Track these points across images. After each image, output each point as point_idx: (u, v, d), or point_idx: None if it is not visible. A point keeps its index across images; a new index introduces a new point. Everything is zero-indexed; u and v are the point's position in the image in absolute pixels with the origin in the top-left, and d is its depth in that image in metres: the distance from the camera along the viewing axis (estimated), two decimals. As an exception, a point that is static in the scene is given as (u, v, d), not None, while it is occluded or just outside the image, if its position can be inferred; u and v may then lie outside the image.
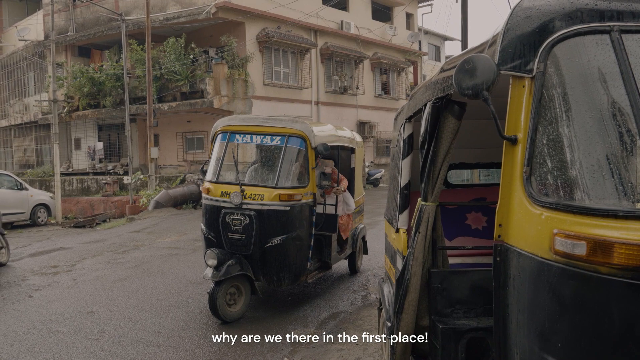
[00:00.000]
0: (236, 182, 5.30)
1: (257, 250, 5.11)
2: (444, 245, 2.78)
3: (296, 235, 5.21)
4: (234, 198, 5.13)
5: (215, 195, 5.37)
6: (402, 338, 2.75)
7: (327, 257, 6.00)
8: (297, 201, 5.18)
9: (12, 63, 25.91)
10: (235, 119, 5.85)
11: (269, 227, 5.11)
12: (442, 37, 37.26)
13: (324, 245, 5.98)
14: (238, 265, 5.04)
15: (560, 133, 1.78)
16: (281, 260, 5.18)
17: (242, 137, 5.61)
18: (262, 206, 5.11)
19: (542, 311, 1.75)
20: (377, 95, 25.86)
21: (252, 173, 5.90)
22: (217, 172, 5.59)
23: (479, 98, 1.88)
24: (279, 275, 5.23)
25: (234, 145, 5.69)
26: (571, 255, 1.62)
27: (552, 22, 1.85)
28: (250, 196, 5.15)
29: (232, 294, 5.15)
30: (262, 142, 5.57)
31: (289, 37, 20.06)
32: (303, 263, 5.35)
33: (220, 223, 5.22)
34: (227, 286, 5.02)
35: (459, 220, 4.21)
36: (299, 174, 5.40)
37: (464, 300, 2.60)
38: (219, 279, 4.90)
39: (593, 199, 1.67)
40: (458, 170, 5.17)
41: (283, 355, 4.37)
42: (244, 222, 5.11)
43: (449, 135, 2.51)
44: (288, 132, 5.37)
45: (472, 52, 2.26)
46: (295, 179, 5.38)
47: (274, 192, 5.15)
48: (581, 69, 1.81)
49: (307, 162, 5.38)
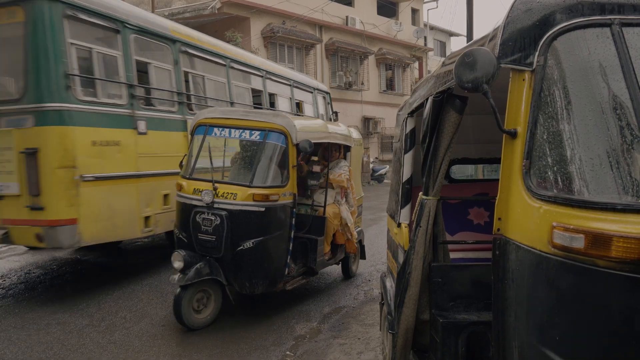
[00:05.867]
0: (209, 179, 4.88)
1: (228, 253, 4.71)
2: (445, 240, 2.79)
3: (272, 239, 4.80)
4: (205, 196, 4.78)
5: (187, 193, 5.00)
6: (402, 332, 2.76)
7: (312, 263, 5.54)
8: (273, 202, 4.78)
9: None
10: (215, 112, 5.39)
11: (241, 229, 4.71)
12: (448, 32, 37.10)
13: (310, 250, 5.52)
14: (207, 268, 4.69)
15: (560, 126, 1.78)
16: (254, 265, 4.76)
17: (221, 131, 5.17)
18: (234, 206, 4.71)
19: (540, 304, 1.76)
20: (382, 91, 25.81)
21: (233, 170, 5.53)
22: (191, 168, 5.19)
23: (479, 91, 1.88)
24: (251, 281, 4.82)
25: (211, 139, 5.26)
26: (569, 248, 1.63)
27: (553, 15, 1.85)
28: (222, 195, 4.77)
29: (200, 300, 4.80)
30: (240, 136, 5.12)
31: (294, 32, 20.03)
32: (280, 269, 4.95)
33: (191, 223, 4.85)
34: (194, 291, 4.68)
35: (461, 215, 4.21)
36: (278, 172, 5.01)
37: (465, 294, 2.61)
38: (185, 283, 4.56)
39: (592, 193, 1.67)
40: (462, 166, 5.16)
41: (285, 349, 4.39)
42: (215, 222, 4.72)
43: (450, 129, 2.51)
44: (268, 127, 4.96)
45: (472, 45, 2.26)
46: (273, 178, 4.96)
47: (248, 192, 4.75)
48: (581, 62, 1.81)
49: (287, 160, 4.95)
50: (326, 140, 5.76)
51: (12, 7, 5.20)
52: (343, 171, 5.88)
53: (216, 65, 8.14)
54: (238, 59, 8.84)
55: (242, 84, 9.01)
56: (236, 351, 4.33)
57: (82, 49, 5.57)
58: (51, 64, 5.18)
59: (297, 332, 4.78)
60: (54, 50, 5.20)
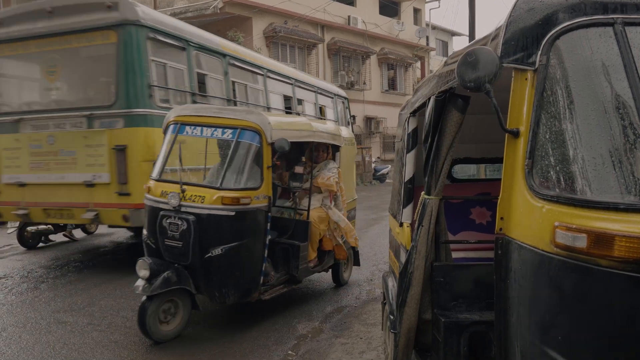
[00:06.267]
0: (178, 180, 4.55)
1: (196, 260, 4.39)
2: (447, 239, 2.79)
3: (243, 245, 4.46)
4: (171, 199, 4.44)
5: (155, 195, 4.70)
6: (405, 331, 2.76)
7: (294, 271, 5.17)
8: (244, 205, 4.42)
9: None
10: (187, 109, 5.12)
11: (209, 235, 4.39)
12: (450, 32, 37.08)
13: (292, 257, 5.16)
14: (175, 277, 4.37)
15: (562, 126, 1.78)
16: (224, 273, 4.44)
17: (193, 129, 4.87)
18: (202, 210, 4.39)
19: (542, 304, 1.75)
20: (384, 91, 25.81)
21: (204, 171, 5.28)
22: (160, 169, 4.92)
23: (481, 91, 1.88)
24: (221, 291, 4.48)
25: (183, 138, 4.98)
26: (572, 248, 1.63)
27: (555, 15, 1.85)
28: (190, 198, 4.44)
29: (167, 310, 4.47)
30: (212, 135, 4.80)
31: (296, 32, 20.04)
32: (254, 278, 4.61)
33: (158, 227, 4.54)
34: (160, 301, 4.35)
35: (464, 215, 4.21)
36: (251, 173, 4.66)
37: (467, 294, 2.61)
38: (151, 293, 4.24)
39: (594, 192, 1.67)
40: (464, 165, 5.16)
41: (287, 348, 4.40)
42: (182, 227, 4.39)
43: (452, 129, 2.50)
44: (241, 125, 4.60)
45: (475, 45, 2.26)
46: (245, 180, 4.63)
47: (216, 194, 4.41)
48: (584, 61, 1.80)
49: (261, 160, 4.60)
50: (310, 139, 5.39)
51: (106, 30, 6.40)
52: (332, 174, 5.51)
53: (255, 75, 9.48)
54: (273, 69, 10.23)
55: (276, 91, 10.25)
56: (238, 350, 4.33)
57: (159, 64, 6.77)
58: (137, 77, 6.39)
59: (299, 331, 4.78)
60: (139, 66, 6.41)
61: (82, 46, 6.72)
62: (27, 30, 6.80)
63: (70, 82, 7.11)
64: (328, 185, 5.42)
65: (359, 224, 10.87)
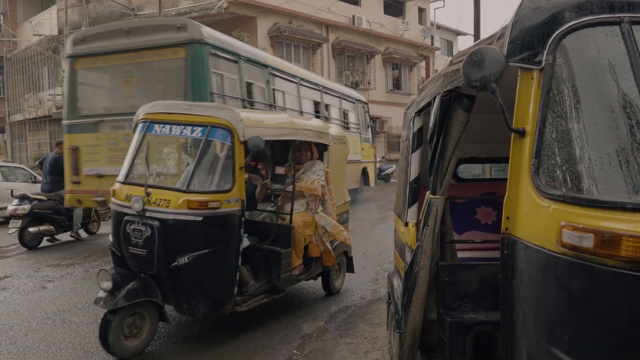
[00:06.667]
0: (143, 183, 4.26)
1: (162, 269, 4.06)
2: (452, 239, 2.78)
3: (213, 253, 4.11)
4: (134, 203, 4.13)
5: (119, 199, 4.39)
6: (410, 331, 2.76)
7: (275, 279, 4.79)
8: (213, 209, 4.10)
9: (26, 58, 26.18)
10: (157, 106, 4.76)
11: (174, 242, 4.05)
12: (455, 31, 37.01)
13: (273, 265, 4.80)
14: (141, 288, 4.04)
15: (569, 125, 1.77)
16: (192, 284, 4.11)
17: (162, 127, 4.53)
18: (167, 215, 4.07)
19: (549, 304, 1.75)
20: (389, 91, 25.79)
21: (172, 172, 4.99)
22: (127, 171, 4.61)
23: (487, 90, 1.88)
24: (189, 303, 4.16)
25: (151, 137, 4.67)
26: (578, 247, 1.62)
27: (562, 14, 1.84)
28: (155, 202, 4.12)
29: (132, 324, 4.12)
30: (181, 134, 4.46)
31: (300, 32, 20.05)
32: (226, 288, 4.27)
33: (122, 234, 4.23)
34: (124, 314, 4.02)
35: (469, 215, 4.20)
36: (221, 175, 4.34)
37: (473, 294, 2.60)
38: (113, 307, 3.91)
39: (601, 192, 1.66)
40: (469, 165, 5.14)
41: (292, 348, 4.40)
42: (145, 233, 4.07)
43: (458, 128, 2.50)
44: (211, 122, 4.28)
45: (480, 44, 2.25)
46: (214, 182, 4.33)
47: (182, 198, 4.08)
48: (591, 60, 1.80)
49: (232, 160, 4.25)
50: (292, 137, 4.98)
51: (176, 47, 7.57)
52: (317, 176, 5.09)
53: (291, 83, 10.86)
54: (305, 77, 11.77)
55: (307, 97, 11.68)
56: (243, 350, 4.34)
57: (217, 75, 7.93)
58: (202, 86, 7.51)
59: (303, 331, 4.79)
60: (203, 77, 7.56)
61: (155, 60, 7.90)
62: (107, 47, 8.07)
63: (144, 90, 7.99)
64: (312, 190, 5.03)
65: (364, 224, 10.88)
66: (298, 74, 11.40)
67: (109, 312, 3.98)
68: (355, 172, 14.09)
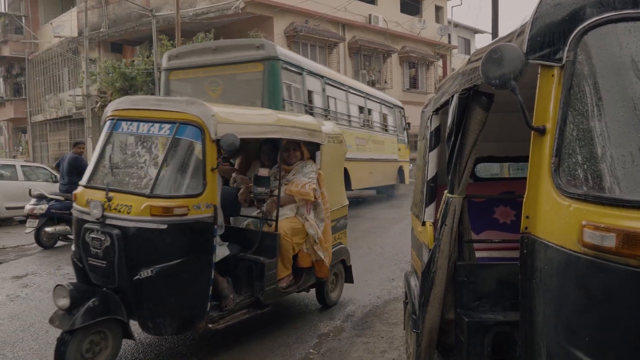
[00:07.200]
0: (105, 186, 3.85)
1: (124, 283, 3.63)
2: (470, 238, 2.76)
3: (180, 266, 3.65)
4: (93, 209, 3.72)
5: (80, 204, 3.96)
6: (427, 331, 2.74)
7: (258, 293, 4.33)
8: (180, 216, 3.64)
9: (47, 59, 26.64)
10: (125, 101, 4.29)
11: (136, 253, 3.62)
12: (472, 30, 36.72)
13: (256, 276, 4.34)
14: (102, 305, 3.61)
15: (590, 123, 1.74)
16: (156, 300, 3.65)
17: (129, 125, 4.09)
18: (128, 222, 3.62)
19: (569, 304, 1.72)
20: (406, 90, 25.68)
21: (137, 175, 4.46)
22: (91, 173, 4.16)
23: (507, 88, 1.86)
24: (155, 321, 3.68)
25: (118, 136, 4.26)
26: (600, 247, 1.59)
27: (583, 10, 1.81)
28: (115, 207, 3.68)
29: (93, 343, 3.67)
30: (148, 132, 3.97)
31: (316, 31, 20.07)
32: (197, 304, 3.81)
33: (81, 243, 3.83)
34: (84, 334, 3.58)
35: (487, 214, 4.16)
36: (191, 177, 3.87)
37: (491, 294, 2.58)
38: (70, 328, 3.49)
39: (623, 191, 1.63)
40: (487, 164, 5.09)
41: (309, 347, 4.41)
42: (105, 243, 3.64)
43: (476, 127, 2.48)
44: (179, 118, 3.82)
45: (500, 42, 2.23)
46: (181, 185, 3.86)
47: (144, 203, 3.61)
48: (613, 57, 1.76)
49: (203, 161, 3.78)
50: (277, 135, 4.49)
51: (255, 62, 9.47)
52: (308, 179, 4.65)
53: (341, 91, 12.68)
54: (352, 85, 13.74)
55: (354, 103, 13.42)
56: (259, 348, 4.36)
57: (287, 85, 9.86)
58: (276, 94, 9.40)
59: (320, 330, 4.79)
60: (277, 87, 9.47)
61: (238, 73, 9.66)
62: (197, 62, 9.90)
63: (227, 97, 9.28)
64: (303, 194, 4.60)
65: (380, 223, 10.85)
66: (347, 82, 13.38)
67: (65, 332, 3.55)
68: (393, 170, 15.73)
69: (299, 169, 4.76)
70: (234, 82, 9.66)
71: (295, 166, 4.80)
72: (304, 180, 4.64)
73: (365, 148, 13.68)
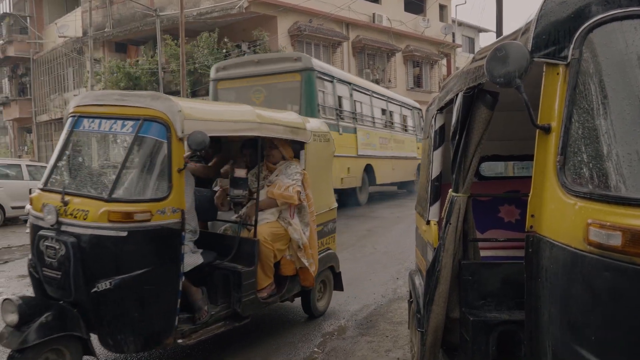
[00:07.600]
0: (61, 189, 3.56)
1: (81, 296, 3.29)
2: (475, 237, 2.75)
3: (142, 277, 3.30)
4: (47, 214, 3.40)
5: (36, 209, 3.66)
6: (432, 330, 2.74)
7: (235, 304, 3.99)
8: (142, 222, 3.30)
9: (52, 59, 26.74)
10: (89, 96, 3.98)
11: (93, 263, 3.29)
12: (477, 28, 36.62)
13: (233, 286, 4.00)
14: (57, 321, 3.25)
15: (596, 121, 1.74)
16: (116, 314, 3.31)
17: (91, 122, 3.73)
18: (84, 229, 3.28)
19: (575, 303, 1.72)
20: (410, 89, 25.63)
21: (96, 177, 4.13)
22: (48, 175, 3.84)
23: (512, 86, 1.85)
24: (115, 337, 3.33)
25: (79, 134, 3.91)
26: (606, 246, 1.59)
27: (588, 7, 1.80)
28: (71, 213, 3.35)
29: None
30: (110, 130, 3.63)
31: (320, 30, 20.06)
32: (163, 319, 3.46)
33: (35, 252, 3.52)
34: (37, 353, 3.18)
35: (492, 213, 4.16)
36: (153, 180, 3.52)
37: (496, 293, 2.57)
38: (19, 347, 3.11)
39: (629, 189, 1.62)
40: (492, 163, 5.08)
41: (313, 345, 4.41)
42: (60, 252, 3.31)
43: (481, 125, 2.47)
44: (143, 115, 3.47)
45: (504, 40, 2.22)
46: (145, 188, 3.51)
47: (102, 208, 3.28)
48: (618, 55, 1.76)
49: (168, 161, 3.42)
50: (255, 133, 4.14)
51: (294, 73, 10.97)
52: (292, 181, 4.33)
53: (365, 95, 13.91)
54: (376, 90, 14.94)
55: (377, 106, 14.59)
56: (264, 346, 4.36)
57: (320, 92, 11.25)
58: (312, 100, 10.90)
59: (324, 329, 4.79)
60: (313, 94, 10.95)
61: (278, 82, 11.10)
62: (242, 73, 11.47)
63: (269, 103, 10.54)
64: (286, 198, 4.28)
65: (383, 222, 10.84)
66: (371, 87, 14.70)
67: (15, 351, 3.17)
68: (412, 167, 16.44)
69: (283, 169, 4.46)
70: (275, 90, 11.14)
71: (279, 167, 4.50)
72: (287, 182, 4.33)
73: (388, 147, 14.93)
